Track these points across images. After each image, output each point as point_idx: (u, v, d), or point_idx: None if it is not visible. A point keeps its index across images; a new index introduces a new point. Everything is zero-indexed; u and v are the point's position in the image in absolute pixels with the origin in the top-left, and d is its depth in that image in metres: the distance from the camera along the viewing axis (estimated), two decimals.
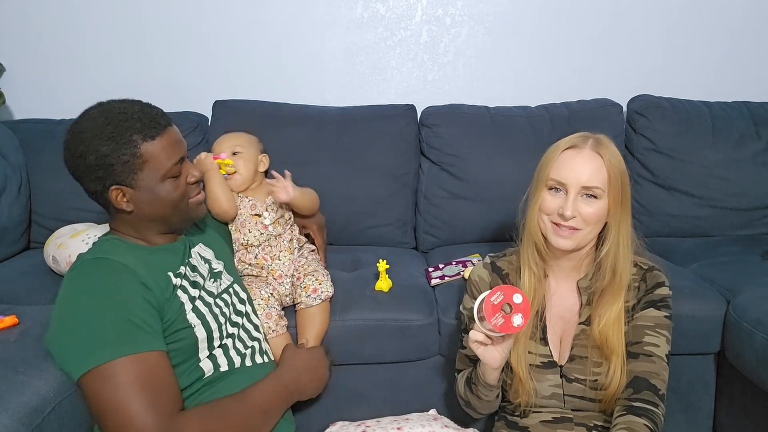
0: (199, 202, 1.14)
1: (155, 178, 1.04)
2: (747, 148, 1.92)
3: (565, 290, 1.20)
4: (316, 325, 1.40)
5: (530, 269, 1.18)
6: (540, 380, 1.15)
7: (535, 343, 1.17)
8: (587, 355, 1.13)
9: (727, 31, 2.16)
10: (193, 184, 1.12)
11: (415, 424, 1.30)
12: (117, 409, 0.92)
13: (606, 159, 1.09)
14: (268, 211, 1.48)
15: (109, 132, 1.01)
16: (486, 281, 1.25)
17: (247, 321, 1.25)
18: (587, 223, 1.09)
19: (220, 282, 1.21)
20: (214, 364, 1.11)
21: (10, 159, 1.80)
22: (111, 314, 0.97)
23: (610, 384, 1.09)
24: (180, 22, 2.08)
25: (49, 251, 1.60)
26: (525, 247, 1.19)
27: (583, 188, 1.08)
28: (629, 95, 2.06)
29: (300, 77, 2.14)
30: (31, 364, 1.08)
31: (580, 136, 1.13)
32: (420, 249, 2.01)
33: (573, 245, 1.11)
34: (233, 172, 1.48)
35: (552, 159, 1.12)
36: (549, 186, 1.12)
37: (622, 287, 1.12)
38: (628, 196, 1.12)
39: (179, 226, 1.15)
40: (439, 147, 1.93)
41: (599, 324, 1.11)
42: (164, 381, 0.98)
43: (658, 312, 1.13)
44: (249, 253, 1.46)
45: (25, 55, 2.08)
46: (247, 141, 1.58)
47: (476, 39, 2.14)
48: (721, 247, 1.81)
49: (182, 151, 1.09)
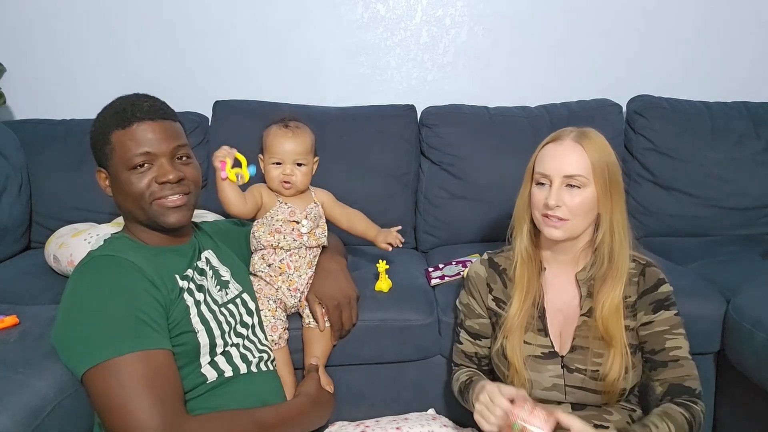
0: (166, 206, 1.07)
1: (122, 167, 1.06)
2: (746, 148, 1.93)
3: (563, 283, 1.20)
4: (323, 343, 1.38)
5: (521, 257, 1.20)
6: (540, 371, 1.15)
7: (534, 333, 1.17)
8: (589, 346, 1.14)
9: (727, 31, 2.16)
10: (163, 183, 1.06)
11: (414, 424, 1.30)
12: (123, 406, 0.92)
13: (587, 147, 1.10)
14: (307, 219, 1.38)
15: (101, 118, 1.09)
16: (483, 277, 1.26)
17: (252, 333, 1.23)
18: (574, 213, 1.10)
19: (226, 291, 1.20)
20: (217, 371, 1.10)
21: (11, 159, 1.80)
22: (118, 310, 0.97)
23: (610, 372, 1.10)
24: (180, 22, 2.08)
25: (50, 251, 1.60)
26: (516, 236, 1.21)
27: (565, 177, 1.10)
28: (629, 95, 2.06)
29: (300, 77, 2.14)
30: (32, 364, 1.08)
31: (563, 129, 1.16)
32: (420, 249, 2.01)
33: (564, 235, 1.12)
34: (243, 182, 1.30)
35: (537, 154, 1.16)
36: (536, 180, 1.15)
37: (621, 274, 1.13)
38: (618, 185, 1.13)
39: (150, 226, 1.10)
40: (439, 147, 1.93)
41: (601, 311, 1.12)
42: (170, 380, 0.98)
43: (668, 312, 1.14)
44: (276, 254, 1.35)
45: (25, 55, 2.08)
46: (311, 147, 1.39)
47: (476, 39, 2.14)
48: (720, 246, 1.81)
49: (155, 147, 1.05)
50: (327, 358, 1.40)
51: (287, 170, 1.35)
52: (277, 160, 1.35)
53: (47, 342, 1.11)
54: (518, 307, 1.17)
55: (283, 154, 1.34)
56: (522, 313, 1.17)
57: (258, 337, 1.25)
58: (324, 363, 1.39)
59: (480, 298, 1.26)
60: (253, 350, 1.20)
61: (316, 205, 1.43)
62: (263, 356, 1.22)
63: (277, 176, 1.35)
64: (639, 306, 1.16)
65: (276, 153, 1.35)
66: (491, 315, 1.26)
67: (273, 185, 1.38)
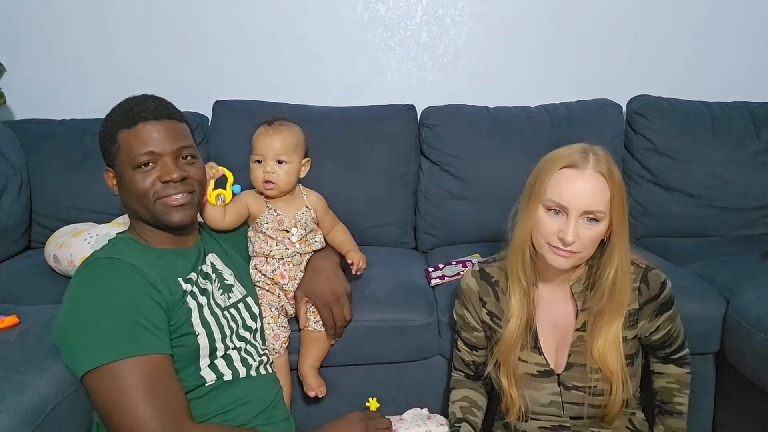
0: (170, 204, 1.08)
1: (127, 165, 1.06)
2: (746, 148, 1.92)
3: (558, 298, 1.16)
4: (320, 346, 1.39)
5: (519, 281, 1.13)
6: (537, 389, 1.13)
7: (528, 351, 1.14)
8: (585, 362, 1.10)
9: (726, 32, 2.16)
10: (167, 182, 1.07)
11: (410, 425, 1.30)
12: (124, 410, 0.92)
13: (608, 179, 1.02)
14: (297, 227, 1.36)
15: (109, 118, 1.09)
16: (475, 291, 1.21)
17: (254, 337, 1.23)
18: (585, 246, 1.04)
19: (229, 295, 1.20)
20: (217, 374, 1.10)
21: (11, 159, 1.80)
22: (118, 314, 0.97)
23: (613, 405, 1.09)
24: (180, 23, 2.08)
25: (50, 250, 1.60)
26: (513, 257, 1.13)
27: (585, 212, 1.02)
28: (629, 95, 2.06)
29: (300, 77, 2.14)
30: (32, 364, 1.08)
31: (578, 152, 1.04)
32: (420, 249, 2.01)
33: (571, 265, 1.06)
34: (226, 203, 1.30)
35: (549, 176, 1.04)
36: (547, 207, 1.04)
37: (621, 307, 1.08)
38: (627, 215, 1.07)
39: (155, 224, 1.11)
40: (439, 147, 1.93)
41: (597, 345, 1.08)
42: (170, 385, 0.98)
43: (669, 311, 1.14)
44: (268, 264, 1.34)
45: (25, 55, 2.08)
46: (296, 145, 1.35)
47: (476, 39, 2.14)
48: (720, 247, 1.81)
49: (159, 146, 1.06)
50: (321, 361, 1.40)
51: (267, 167, 1.31)
52: (258, 158, 1.33)
53: (47, 342, 1.11)
54: (514, 329, 1.12)
55: (263, 151, 1.32)
56: (517, 335, 1.12)
57: (260, 341, 1.26)
58: (318, 366, 1.39)
59: (474, 310, 1.22)
60: (254, 354, 1.20)
61: (308, 209, 1.40)
62: (263, 359, 1.22)
63: (259, 176, 1.33)
64: (641, 315, 1.12)
65: (256, 150, 1.33)
66: (485, 328, 1.23)
67: (256, 186, 1.36)
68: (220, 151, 1.89)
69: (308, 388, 1.37)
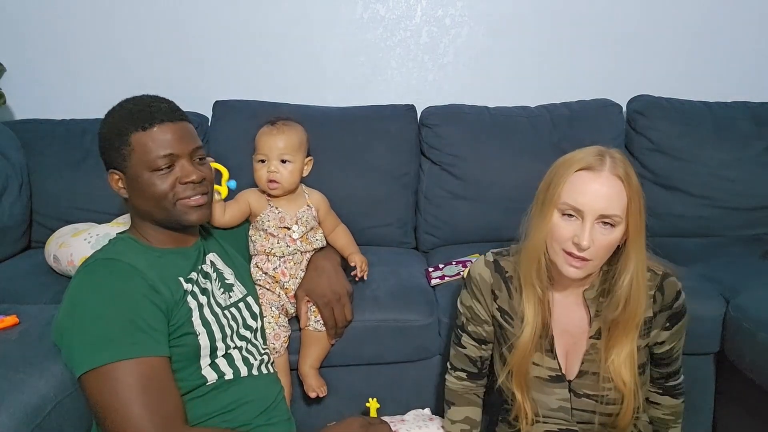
0: (190, 205, 1.08)
1: (142, 168, 1.05)
2: (748, 148, 1.92)
3: (570, 303, 1.12)
4: (320, 346, 1.39)
5: (533, 288, 1.08)
6: (547, 393, 1.11)
7: (542, 354, 1.11)
8: (598, 371, 1.07)
9: (726, 32, 2.16)
10: (186, 184, 1.08)
11: (411, 426, 1.30)
12: (117, 412, 0.92)
13: (626, 182, 0.98)
14: (298, 225, 1.36)
15: (113, 119, 1.08)
16: (488, 282, 1.15)
17: (255, 337, 1.23)
18: (598, 253, 1.00)
19: (230, 294, 1.20)
20: (218, 373, 1.10)
21: (11, 159, 1.80)
22: (117, 316, 0.97)
23: (624, 416, 1.08)
24: (180, 23, 2.08)
25: (50, 250, 1.60)
26: (526, 265, 1.08)
27: (601, 216, 0.98)
28: (629, 95, 2.06)
29: (300, 77, 2.14)
30: (32, 364, 1.08)
31: (594, 155, 1.00)
32: (420, 249, 2.01)
33: (583, 275, 1.02)
34: (221, 198, 1.31)
35: (564, 179, 1.00)
36: (562, 211, 1.00)
37: (636, 317, 1.04)
38: (644, 217, 1.01)
39: (168, 225, 1.11)
40: (439, 147, 1.93)
41: (612, 358, 1.05)
42: (165, 387, 0.98)
43: (680, 323, 1.11)
44: (269, 262, 1.34)
45: (26, 55, 2.08)
46: (299, 144, 1.35)
47: (476, 39, 2.14)
48: (721, 247, 1.81)
49: (176, 148, 1.06)
50: (321, 361, 1.40)
51: (271, 167, 1.32)
52: (261, 157, 1.34)
53: (47, 342, 1.12)
54: (529, 338, 1.08)
55: (267, 150, 1.33)
56: (532, 345, 1.09)
57: (261, 341, 1.25)
58: (318, 366, 1.39)
59: (485, 303, 1.16)
60: (255, 353, 1.20)
61: (309, 207, 1.40)
62: (264, 358, 1.22)
63: (263, 175, 1.34)
64: (655, 323, 1.09)
65: (260, 149, 1.34)
66: (495, 324, 1.18)
67: (260, 185, 1.37)
68: (220, 151, 1.89)
69: (308, 388, 1.37)
